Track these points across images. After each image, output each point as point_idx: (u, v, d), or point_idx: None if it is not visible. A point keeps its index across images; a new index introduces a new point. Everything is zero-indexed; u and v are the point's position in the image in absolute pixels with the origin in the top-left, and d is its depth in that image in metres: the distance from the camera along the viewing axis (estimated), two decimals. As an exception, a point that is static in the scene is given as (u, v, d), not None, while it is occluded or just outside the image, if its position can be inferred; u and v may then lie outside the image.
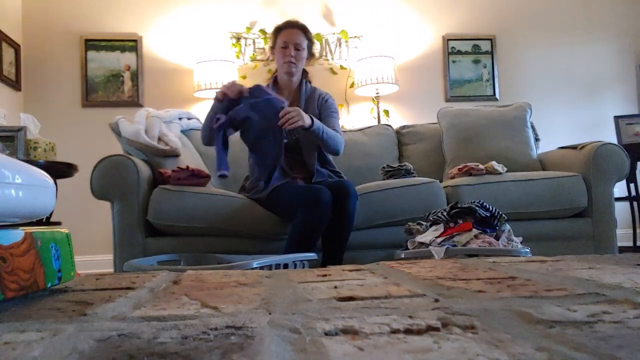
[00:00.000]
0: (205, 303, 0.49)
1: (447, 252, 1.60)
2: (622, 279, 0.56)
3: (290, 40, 2.18)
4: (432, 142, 2.95)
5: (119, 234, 2.04)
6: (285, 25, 2.24)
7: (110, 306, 0.49)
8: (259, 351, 0.31)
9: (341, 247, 1.97)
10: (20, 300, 0.52)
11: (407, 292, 0.52)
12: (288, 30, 2.21)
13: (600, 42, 4.04)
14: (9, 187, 0.48)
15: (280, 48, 2.19)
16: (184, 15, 3.65)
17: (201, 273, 0.77)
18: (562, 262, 0.75)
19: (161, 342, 0.34)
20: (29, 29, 3.49)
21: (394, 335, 0.34)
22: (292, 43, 2.18)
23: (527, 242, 1.94)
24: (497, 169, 2.40)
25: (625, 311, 0.40)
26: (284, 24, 2.24)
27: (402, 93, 3.75)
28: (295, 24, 2.23)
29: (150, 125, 2.28)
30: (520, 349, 0.30)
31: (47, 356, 0.32)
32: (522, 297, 0.47)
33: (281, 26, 2.24)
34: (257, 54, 3.68)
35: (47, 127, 3.17)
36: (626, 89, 4.03)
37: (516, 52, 3.96)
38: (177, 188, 2.07)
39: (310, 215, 1.84)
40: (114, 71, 3.55)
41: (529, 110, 2.89)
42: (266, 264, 1.48)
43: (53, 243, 0.57)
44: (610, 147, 2.37)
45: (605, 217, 2.32)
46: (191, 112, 3.21)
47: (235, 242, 2.08)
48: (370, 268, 0.77)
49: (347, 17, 3.78)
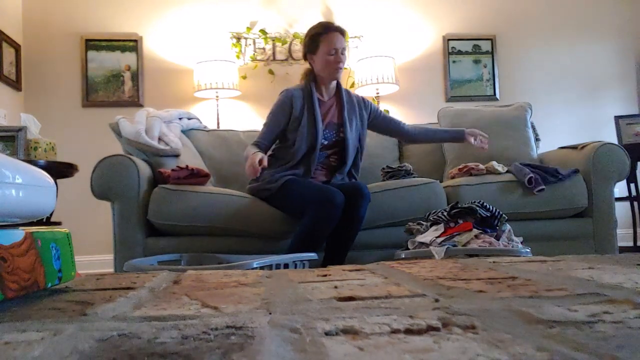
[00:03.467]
0: (206, 303, 0.49)
1: (447, 252, 1.60)
2: (623, 279, 0.56)
3: (338, 46, 2.14)
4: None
5: (119, 234, 2.04)
6: (326, 29, 2.17)
7: (111, 306, 0.49)
8: (259, 351, 0.31)
9: (346, 248, 1.97)
10: (20, 300, 0.52)
11: (408, 292, 0.52)
12: (333, 35, 2.14)
13: (600, 42, 4.04)
14: (9, 187, 0.48)
15: (327, 55, 2.13)
16: (184, 15, 3.65)
17: (201, 273, 0.77)
18: (562, 262, 0.75)
19: (161, 342, 0.34)
20: (29, 29, 3.49)
21: (395, 335, 0.34)
22: (339, 48, 2.14)
23: (527, 242, 1.94)
24: (497, 168, 2.40)
25: (626, 311, 0.40)
26: (325, 28, 2.17)
27: (403, 93, 3.75)
28: (337, 27, 2.18)
29: (150, 125, 2.28)
30: (520, 349, 0.30)
31: (48, 356, 0.31)
32: (523, 297, 0.47)
33: (321, 31, 2.16)
34: (257, 54, 3.68)
35: (47, 127, 3.17)
36: (626, 88, 4.03)
37: (516, 52, 3.96)
38: (177, 187, 2.07)
39: (321, 215, 1.85)
40: (114, 71, 3.55)
41: (529, 110, 2.89)
42: (266, 264, 1.48)
43: (53, 243, 0.57)
44: (610, 147, 2.37)
45: (606, 217, 2.32)
46: (191, 112, 3.21)
47: (236, 241, 2.08)
48: (371, 268, 0.77)
49: (347, 17, 3.78)
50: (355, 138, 2.23)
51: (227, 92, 3.46)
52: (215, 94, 3.45)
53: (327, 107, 2.23)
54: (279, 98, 2.20)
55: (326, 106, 2.23)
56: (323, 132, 2.16)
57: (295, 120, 2.14)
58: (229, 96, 3.55)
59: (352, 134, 2.21)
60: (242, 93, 3.55)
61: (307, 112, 2.16)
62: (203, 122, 2.93)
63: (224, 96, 3.52)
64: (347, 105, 2.24)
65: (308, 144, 2.12)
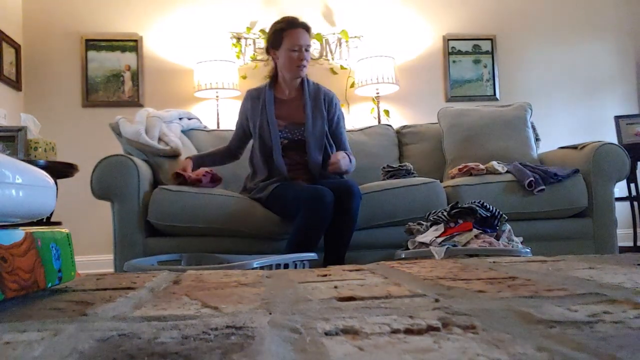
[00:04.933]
0: (206, 303, 0.49)
1: (447, 252, 1.60)
2: (623, 279, 0.56)
3: (302, 43, 2.07)
4: (433, 142, 2.95)
5: (119, 234, 2.04)
6: (290, 24, 2.09)
7: (111, 306, 0.49)
8: (259, 351, 0.31)
9: (343, 247, 1.96)
10: (20, 300, 0.52)
11: (408, 292, 0.52)
12: (296, 31, 2.08)
13: (600, 41, 4.04)
14: (9, 187, 0.48)
15: (289, 51, 2.07)
16: (184, 15, 3.65)
17: (201, 273, 0.77)
18: (562, 262, 0.75)
19: (161, 342, 0.34)
20: (29, 29, 3.49)
21: (395, 335, 0.34)
22: (303, 45, 2.07)
23: (527, 242, 1.94)
24: (497, 169, 2.40)
25: (626, 311, 0.40)
26: (288, 24, 2.10)
27: (403, 93, 3.75)
28: (302, 24, 2.11)
29: (150, 125, 2.28)
30: (520, 349, 0.30)
31: (48, 356, 0.31)
32: (523, 297, 0.47)
33: (285, 26, 2.09)
34: (258, 54, 3.68)
35: (47, 127, 3.17)
36: (626, 88, 4.03)
37: (516, 52, 3.96)
38: (177, 188, 2.07)
39: (312, 215, 1.84)
40: (114, 71, 3.55)
41: (529, 110, 2.89)
42: (266, 264, 1.48)
43: (53, 243, 0.57)
44: (610, 147, 2.37)
45: (606, 217, 2.32)
46: (191, 112, 3.21)
47: (236, 242, 2.08)
48: (371, 268, 0.77)
49: (347, 17, 3.78)
50: (318, 137, 2.13)
51: (227, 92, 3.46)
52: (215, 94, 3.45)
53: (289, 106, 2.17)
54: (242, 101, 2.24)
55: (287, 105, 2.18)
56: (284, 132, 2.12)
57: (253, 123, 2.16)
58: (229, 96, 3.55)
59: (313, 133, 2.12)
60: (242, 93, 3.53)
61: (262, 113, 2.13)
62: (203, 122, 2.93)
63: (224, 96, 3.52)
64: (310, 102, 2.16)
65: (267, 146, 2.11)
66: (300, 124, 2.14)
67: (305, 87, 2.19)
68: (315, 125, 2.14)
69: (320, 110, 2.17)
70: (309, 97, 2.18)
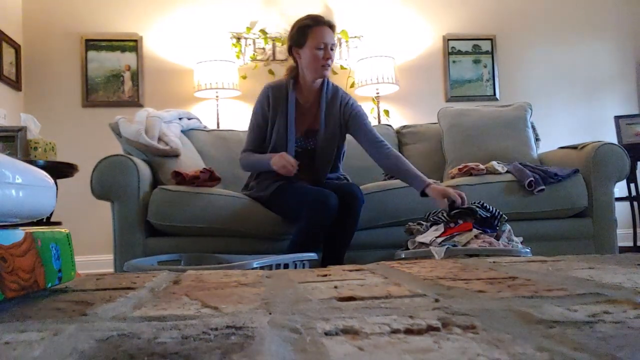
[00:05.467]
0: (206, 303, 0.49)
1: (447, 252, 1.60)
2: (623, 279, 0.56)
3: (328, 41, 1.96)
4: (433, 142, 2.95)
5: (119, 234, 2.04)
6: (315, 22, 1.99)
7: (111, 306, 0.49)
8: (259, 351, 0.31)
9: (342, 249, 1.96)
10: (20, 300, 0.52)
11: (408, 292, 0.52)
12: (322, 29, 1.97)
13: (600, 42, 4.04)
14: (9, 187, 0.48)
15: (314, 49, 1.96)
16: (184, 15, 3.65)
17: (201, 273, 0.77)
18: (562, 262, 0.75)
19: (161, 342, 0.34)
20: (29, 29, 3.49)
21: (395, 335, 0.34)
22: (329, 44, 1.98)
23: (527, 242, 1.94)
24: (497, 169, 2.40)
25: (626, 311, 0.40)
26: (314, 21, 1.99)
27: (403, 93, 3.75)
28: (328, 22, 2.00)
29: (150, 125, 2.28)
30: (520, 349, 0.30)
31: (48, 356, 0.31)
32: (523, 297, 0.47)
33: (310, 23, 1.98)
34: (257, 54, 3.68)
35: (47, 127, 3.17)
36: (626, 88, 4.03)
37: (516, 52, 3.96)
38: (177, 188, 2.07)
39: (315, 218, 1.84)
40: (114, 71, 3.55)
41: (529, 110, 2.89)
42: (266, 264, 1.48)
43: (53, 243, 0.57)
44: (610, 147, 2.37)
45: (606, 217, 2.32)
46: (191, 112, 3.21)
47: (236, 242, 2.08)
48: (371, 268, 0.77)
49: (347, 17, 3.78)
50: (329, 145, 2.08)
51: (227, 92, 3.46)
52: (215, 94, 3.45)
53: (306, 112, 2.09)
54: (258, 97, 2.09)
55: (305, 110, 2.09)
56: (299, 140, 2.05)
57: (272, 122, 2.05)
58: (229, 96, 3.55)
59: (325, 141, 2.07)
60: (242, 93, 3.55)
61: (280, 117, 2.04)
62: (203, 122, 2.93)
63: (224, 96, 3.52)
64: (326, 110, 2.08)
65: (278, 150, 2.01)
66: (314, 131, 2.09)
67: (324, 91, 2.10)
68: (327, 133, 2.08)
69: (335, 115, 2.09)
70: (325, 103, 2.10)
